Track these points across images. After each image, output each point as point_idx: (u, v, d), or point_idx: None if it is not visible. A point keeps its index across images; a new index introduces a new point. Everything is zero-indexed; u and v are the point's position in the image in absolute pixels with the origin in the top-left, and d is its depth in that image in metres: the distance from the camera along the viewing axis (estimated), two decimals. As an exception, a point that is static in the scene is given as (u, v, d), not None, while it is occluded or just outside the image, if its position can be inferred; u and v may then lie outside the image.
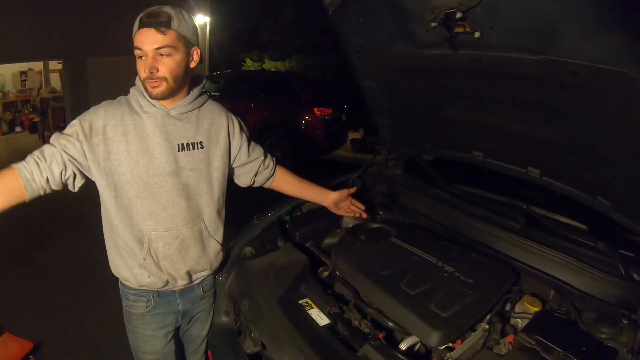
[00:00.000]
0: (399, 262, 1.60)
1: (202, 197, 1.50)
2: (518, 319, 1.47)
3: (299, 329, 1.38)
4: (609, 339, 1.34)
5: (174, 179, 1.41)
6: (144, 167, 1.36)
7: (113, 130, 1.33)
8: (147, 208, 1.39)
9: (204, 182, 1.49)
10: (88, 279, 3.32)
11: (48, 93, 10.16)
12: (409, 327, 1.36)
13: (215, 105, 1.57)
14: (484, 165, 1.97)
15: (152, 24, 1.28)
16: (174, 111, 1.41)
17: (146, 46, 1.28)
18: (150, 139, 1.37)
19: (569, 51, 1.12)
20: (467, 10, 1.15)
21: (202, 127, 1.48)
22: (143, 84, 1.35)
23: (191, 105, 1.45)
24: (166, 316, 1.56)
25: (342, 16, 1.69)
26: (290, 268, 1.68)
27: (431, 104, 1.91)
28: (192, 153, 1.45)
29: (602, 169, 1.45)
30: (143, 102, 1.38)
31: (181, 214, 1.44)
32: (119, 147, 1.34)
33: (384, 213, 2.23)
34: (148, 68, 1.30)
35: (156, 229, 1.41)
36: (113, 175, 1.35)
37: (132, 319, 1.55)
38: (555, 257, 1.63)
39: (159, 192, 1.39)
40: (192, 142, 1.45)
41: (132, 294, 1.50)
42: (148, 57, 1.30)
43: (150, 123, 1.38)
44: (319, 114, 7.09)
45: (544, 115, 1.46)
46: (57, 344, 2.73)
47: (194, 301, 1.62)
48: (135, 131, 1.36)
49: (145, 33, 1.28)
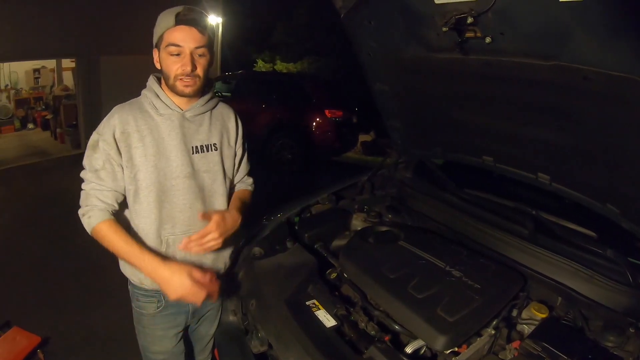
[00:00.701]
0: (407, 266, 1.60)
1: (217, 199, 1.51)
2: (524, 325, 1.47)
3: (305, 329, 1.39)
4: (615, 347, 1.32)
5: (191, 181, 1.42)
6: (161, 171, 1.37)
7: (130, 137, 1.34)
8: (166, 212, 1.40)
9: (218, 183, 1.50)
10: (97, 275, 3.35)
11: (61, 91, 10.31)
12: (415, 330, 1.36)
13: (227, 108, 1.58)
14: (494, 170, 1.97)
15: (193, 23, 1.29)
16: (188, 113, 1.42)
17: (187, 43, 1.29)
18: (166, 141, 1.38)
19: (580, 57, 1.12)
20: (479, 16, 1.16)
21: (215, 129, 1.49)
22: (171, 81, 1.35)
23: (205, 107, 1.46)
24: (176, 316, 1.57)
25: (354, 19, 1.70)
26: (298, 269, 1.69)
27: (442, 107, 1.91)
28: (206, 155, 1.46)
29: (612, 176, 1.44)
30: (158, 104, 1.38)
31: (198, 216, 1.44)
32: (136, 152, 1.34)
33: (392, 216, 2.23)
34: (188, 65, 1.30)
35: (174, 232, 1.42)
36: (132, 181, 1.36)
37: (143, 320, 1.56)
38: (563, 264, 1.62)
39: (176, 195, 1.40)
40: (207, 144, 1.46)
41: (143, 295, 1.51)
42: (186, 54, 1.30)
43: (166, 126, 1.38)
44: (330, 115, 7.08)
45: (555, 120, 1.45)
46: (65, 339, 2.77)
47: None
48: (151, 135, 1.36)
49: (185, 30, 1.29)
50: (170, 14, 1.29)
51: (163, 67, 1.36)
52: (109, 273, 1.85)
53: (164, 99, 1.39)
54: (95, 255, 1.55)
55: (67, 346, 2.71)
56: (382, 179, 2.52)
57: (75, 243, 3.92)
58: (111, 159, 1.34)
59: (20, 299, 3.21)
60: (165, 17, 1.31)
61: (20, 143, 9.15)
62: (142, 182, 1.36)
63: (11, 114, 10.17)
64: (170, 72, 1.33)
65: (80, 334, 2.83)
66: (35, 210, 5.07)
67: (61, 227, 4.46)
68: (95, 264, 3.49)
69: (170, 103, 1.39)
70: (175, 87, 1.35)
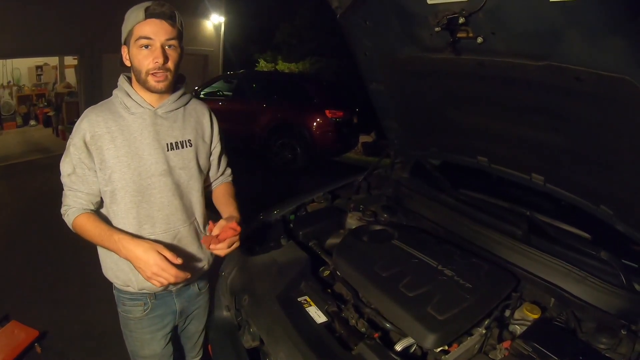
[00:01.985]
0: (399, 264, 1.60)
1: (193, 195, 1.50)
2: (516, 326, 1.47)
3: (296, 325, 1.40)
4: (608, 349, 1.33)
5: (167, 178, 1.41)
6: (135, 170, 1.36)
7: (100, 139, 1.32)
8: (144, 211, 1.39)
9: (194, 180, 1.49)
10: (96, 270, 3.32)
11: (63, 88, 10.32)
12: (405, 328, 1.36)
13: (200, 104, 1.57)
14: (489, 170, 1.98)
15: (163, 15, 1.28)
16: (160, 110, 1.40)
17: (158, 36, 1.28)
18: (139, 140, 1.36)
19: (571, 57, 1.13)
20: (470, 16, 1.16)
21: (189, 125, 1.48)
22: (142, 77, 1.33)
23: (177, 103, 1.44)
24: (164, 317, 1.56)
25: (350, 19, 1.71)
26: (291, 266, 1.70)
27: (437, 107, 1.91)
28: (181, 152, 1.45)
29: (606, 177, 1.45)
30: (129, 103, 1.37)
31: (177, 213, 1.44)
32: (108, 154, 1.33)
33: (388, 215, 2.24)
34: (160, 57, 1.29)
35: (154, 232, 1.41)
36: (107, 183, 1.35)
37: (130, 324, 1.54)
38: (556, 265, 1.62)
39: (153, 194, 1.39)
40: (181, 140, 1.45)
41: (129, 299, 1.50)
42: (156, 47, 1.29)
43: (138, 125, 1.37)
44: (331, 116, 7.09)
45: (548, 121, 1.45)
46: (63, 333, 2.78)
47: (190, 299, 1.63)
48: (122, 135, 1.34)
49: (155, 23, 1.28)
50: (139, 8, 1.29)
51: (134, 63, 1.34)
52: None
53: (134, 97, 1.37)
54: (94, 251, 1.55)
55: (65, 340, 2.72)
56: (378, 179, 2.53)
57: (74, 239, 3.92)
58: (81, 163, 1.33)
59: (19, 293, 3.22)
60: (134, 12, 1.30)
61: (22, 140, 9.17)
62: (118, 183, 1.35)
63: (13, 110, 10.18)
64: (142, 67, 1.31)
65: (78, 328, 2.84)
66: (35, 206, 5.08)
67: (60, 223, 4.48)
68: (94, 260, 3.50)
69: (142, 101, 1.37)
70: (147, 83, 1.33)
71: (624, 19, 0.98)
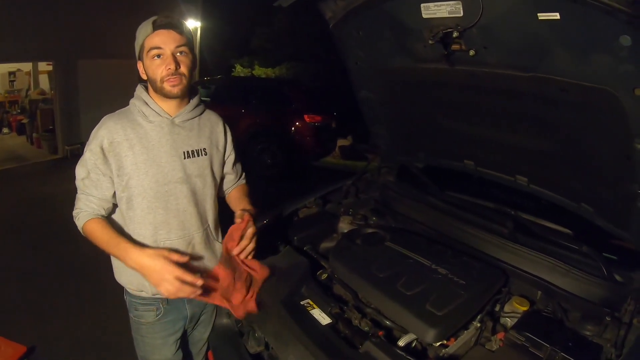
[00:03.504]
0: (395, 265, 1.67)
1: (207, 202, 1.55)
2: (507, 318, 1.55)
3: (303, 328, 1.44)
4: (594, 335, 1.42)
5: (183, 185, 1.45)
6: (153, 177, 1.40)
7: (119, 146, 1.36)
8: (160, 217, 1.42)
9: (208, 187, 1.54)
10: (84, 281, 3.32)
11: (37, 94, 10.05)
12: (407, 325, 1.43)
13: (214, 114, 1.63)
14: (475, 173, 2.06)
15: (170, 26, 1.35)
16: (178, 119, 1.45)
17: (168, 45, 1.34)
18: (157, 148, 1.41)
19: (557, 70, 1.22)
20: (464, 31, 1.24)
21: (204, 134, 1.53)
22: (158, 85, 1.38)
23: (193, 113, 1.50)
24: (175, 322, 1.58)
25: (343, 29, 1.76)
26: (291, 271, 1.74)
27: (426, 114, 1.99)
28: (197, 160, 1.49)
29: (587, 178, 1.54)
30: (147, 112, 1.41)
31: (192, 220, 1.48)
32: (126, 161, 1.37)
33: (377, 218, 2.30)
34: (172, 64, 1.34)
35: (169, 237, 1.44)
36: (124, 189, 1.39)
37: (142, 329, 1.56)
38: (542, 260, 1.71)
39: (169, 200, 1.43)
40: (197, 149, 1.50)
41: (141, 304, 1.52)
42: (167, 55, 1.35)
43: (156, 133, 1.42)
44: (309, 120, 7.13)
45: (533, 127, 1.55)
46: (51, 348, 2.73)
47: (200, 305, 1.65)
48: (140, 143, 1.39)
49: (164, 34, 1.34)
50: (147, 23, 1.36)
51: (149, 74, 1.39)
52: (96, 279, 1.83)
53: (152, 106, 1.42)
54: (81, 261, 1.55)
55: (54, 355, 2.67)
56: (366, 183, 2.58)
57: (58, 249, 3.89)
58: (96, 168, 1.37)
59: (4, 308, 3.14)
60: (143, 28, 1.37)
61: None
62: (135, 189, 1.39)
63: (-15, 118, 9.87)
64: (156, 75, 1.37)
65: (67, 342, 2.79)
66: (14, 216, 4.94)
67: (42, 234, 4.40)
68: (80, 270, 3.46)
69: (160, 110, 1.42)
70: (164, 89, 1.38)
71: (605, 35, 1.07)
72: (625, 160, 1.31)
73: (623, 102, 1.15)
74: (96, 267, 1.51)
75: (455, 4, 1.21)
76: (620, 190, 1.44)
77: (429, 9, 1.31)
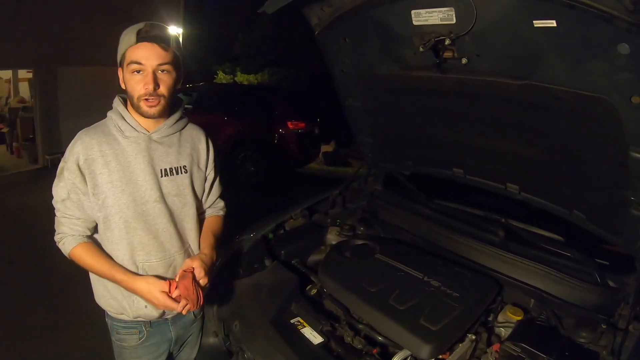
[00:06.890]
0: (386, 278, 1.63)
1: (188, 222, 1.46)
2: (501, 328, 1.53)
3: (293, 348, 1.39)
4: (589, 342, 1.40)
5: (161, 205, 1.37)
6: (130, 196, 1.32)
7: (93, 163, 1.28)
8: (138, 238, 1.35)
9: (188, 206, 1.45)
10: (65, 298, 3.18)
11: (17, 103, 9.70)
12: (401, 341, 1.39)
13: (197, 129, 1.53)
14: (464, 181, 2.04)
15: (155, 39, 1.25)
16: (156, 135, 1.37)
17: (149, 61, 1.24)
18: (133, 165, 1.33)
19: (552, 78, 1.20)
20: (457, 38, 1.21)
21: (184, 151, 1.44)
22: (135, 102, 1.29)
23: (173, 128, 1.41)
24: (160, 345, 1.50)
25: (329, 37, 1.73)
26: (279, 287, 1.69)
27: (414, 122, 1.96)
28: (175, 178, 1.41)
29: (579, 185, 1.54)
30: (124, 127, 1.33)
31: (172, 240, 1.40)
32: (102, 179, 1.29)
33: (365, 229, 2.26)
34: (150, 84, 1.25)
35: (148, 259, 1.37)
36: (101, 208, 1.31)
37: (124, 353, 1.48)
38: (534, 268, 1.70)
39: (147, 220, 1.35)
40: (176, 166, 1.41)
41: (123, 327, 1.44)
42: (148, 72, 1.25)
43: (132, 149, 1.33)
44: (293, 127, 7.10)
45: (525, 135, 1.54)
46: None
47: (185, 326, 1.57)
48: (116, 159, 1.31)
49: (147, 47, 1.24)
50: (132, 31, 1.25)
51: (127, 87, 1.30)
52: (77, 295, 1.75)
53: (129, 120, 1.33)
54: (61, 275, 1.47)
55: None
56: (353, 192, 2.54)
57: (37, 263, 3.73)
58: (76, 188, 1.29)
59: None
60: (127, 35, 1.26)
61: (-26, 157, 8.61)
62: (111, 209, 1.31)
63: (-37, 126, 9.52)
64: (134, 92, 1.28)
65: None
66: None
67: (22, 247, 4.25)
68: (62, 285, 3.31)
69: (136, 125, 1.34)
70: (140, 108, 1.30)
71: (600, 42, 1.06)
72: (619, 167, 1.30)
73: (619, 110, 1.14)
74: (76, 284, 1.43)
75: (447, 10, 1.18)
76: (613, 197, 1.43)
77: (420, 15, 1.28)
